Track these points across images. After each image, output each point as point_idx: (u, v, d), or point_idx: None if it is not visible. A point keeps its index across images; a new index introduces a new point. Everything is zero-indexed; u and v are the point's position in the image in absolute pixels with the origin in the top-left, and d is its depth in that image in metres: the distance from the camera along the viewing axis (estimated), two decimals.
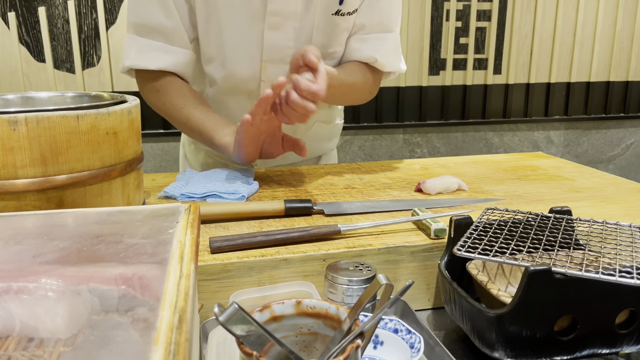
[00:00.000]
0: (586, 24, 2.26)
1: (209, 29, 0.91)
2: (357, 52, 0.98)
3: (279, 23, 0.90)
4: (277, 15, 0.89)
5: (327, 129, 1.12)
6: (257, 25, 0.90)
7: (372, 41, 0.98)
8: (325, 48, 0.96)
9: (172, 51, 0.90)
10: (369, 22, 0.97)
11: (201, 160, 1.12)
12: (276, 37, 0.91)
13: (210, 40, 0.93)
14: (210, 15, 0.90)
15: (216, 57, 0.94)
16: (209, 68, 0.96)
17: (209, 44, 0.93)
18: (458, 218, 0.58)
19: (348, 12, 0.94)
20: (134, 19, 0.90)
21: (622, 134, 2.48)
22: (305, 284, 0.56)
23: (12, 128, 0.51)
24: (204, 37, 0.93)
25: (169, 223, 0.44)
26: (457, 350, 0.55)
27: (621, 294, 0.47)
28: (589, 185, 0.89)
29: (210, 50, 0.94)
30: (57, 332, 0.32)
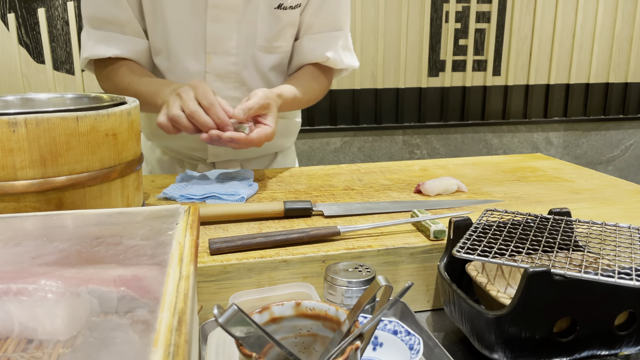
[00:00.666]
0: (585, 26, 2.26)
1: (155, 21, 0.94)
2: (309, 52, 1.01)
3: (220, 16, 0.92)
4: (218, 7, 0.91)
5: (285, 124, 1.12)
6: (200, 18, 0.92)
7: (323, 40, 1.01)
8: (270, 42, 0.98)
9: (126, 40, 0.93)
10: (318, 22, 1.00)
11: (157, 156, 1.13)
12: (218, 29, 0.93)
13: (156, 32, 0.95)
14: (156, 8, 0.93)
15: (162, 49, 0.96)
16: (157, 60, 0.98)
17: (156, 36, 0.96)
18: (457, 219, 0.58)
19: (291, 7, 0.96)
20: (88, 12, 0.93)
21: (621, 135, 2.48)
22: (304, 286, 0.56)
23: (11, 129, 0.51)
24: (151, 29, 0.95)
25: (168, 224, 0.44)
26: (456, 351, 0.55)
27: (620, 295, 0.47)
28: (588, 186, 0.90)
29: (157, 43, 0.96)
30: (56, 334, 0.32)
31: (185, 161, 1.10)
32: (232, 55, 0.96)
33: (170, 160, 1.11)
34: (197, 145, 1.05)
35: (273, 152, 1.14)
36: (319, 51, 1.00)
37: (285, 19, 0.97)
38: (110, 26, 0.92)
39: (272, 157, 1.15)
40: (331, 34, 1.02)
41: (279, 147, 1.15)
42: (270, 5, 0.94)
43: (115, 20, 0.92)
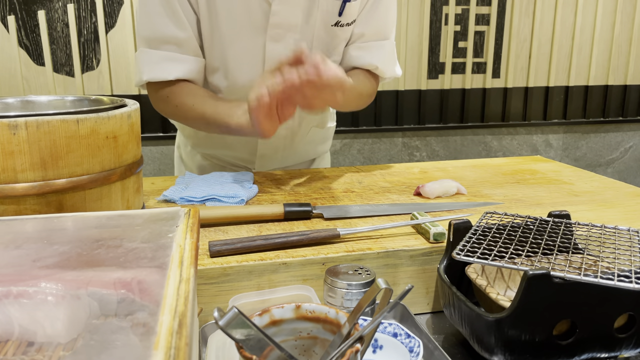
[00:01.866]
0: (584, 28, 2.26)
1: (212, 41, 0.93)
2: (358, 60, 1.01)
3: (280, 35, 0.92)
4: (278, 27, 0.91)
5: (321, 132, 1.14)
6: (259, 38, 0.92)
7: (371, 49, 1.01)
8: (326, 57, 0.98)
9: (185, 60, 0.91)
10: (368, 31, 1.00)
11: (198, 162, 1.13)
12: (277, 48, 0.93)
13: (213, 52, 0.94)
14: (214, 28, 0.91)
15: (219, 68, 0.95)
16: (213, 78, 0.97)
17: (213, 55, 0.95)
18: (457, 222, 0.58)
19: (347, 23, 0.96)
20: (145, 32, 0.90)
21: (620, 137, 2.48)
22: (304, 288, 0.56)
23: (12, 132, 0.51)
24: (208, 49, 0.94)
25: (168, 227, 0.44)
26: (456, 354, 0.55)
27: (620, 298, 0.47)
28: (588, 189, 0.90)
29: (214, 62, 0.95)
30: (56, 337, 0.32)
31: (228, 167, 1.11)
32: None
33: (211, 166, 1.11)
34: (246, 156, 1.07)
35: (311, 158, 1.16)
36: (367, 59, 1.01)
37: (341, 35, 0.98)
38: (168, 46, 0.90)
39: (310, 162, 1.17)
40: (379, 42, 1.02)
41: (317, 154, 1.16)
42: (327, 23, 0.95)
43: (174, 40, 0.90)
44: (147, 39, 0.91)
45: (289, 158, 1.10)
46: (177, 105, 0.92)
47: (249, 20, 0.90)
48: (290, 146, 1.07)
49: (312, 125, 1.09)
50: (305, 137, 1.08)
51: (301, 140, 1.08)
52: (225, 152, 1.08)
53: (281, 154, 1.07)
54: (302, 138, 1.07)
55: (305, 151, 1.13)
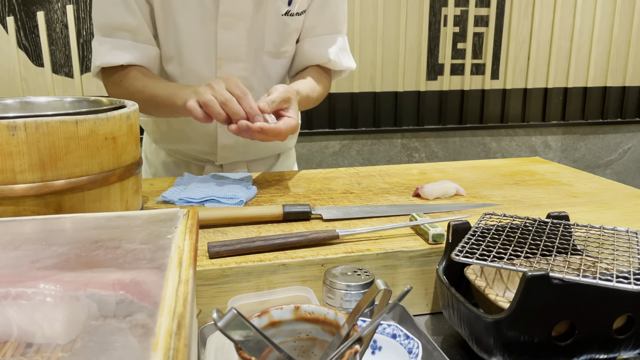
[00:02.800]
0: (583, 30, 2.27)
1: (166, 29, 0.96)
2: (310, 54, 1.04)
3: (230, 23, 0.95)
4: (228, 15, 0.94)
5: None
6: (211, 26, 0.95)
7: (323, 42, 1.04)
8: (278, 47, 1.01)
9: (138, 47, 0.94)
10: (319, 25, 1.03)
11: (162, 159, 1.13)
12: (229, 36, 0.96)
13: (168, 40, 0.97)
14: (167, 16, 0.94)
15: (174, 56, 0.98)
16: (168, 67, 1.00)
17: (167, 44, 0.97)
18: (456, 223, 0.58)
19: (297, 13, 1.00)
20: (99, 20, 0.93)
21: (619, 139, 2.48)
22: (303, 289, 0.56)
23: (11, 133, 0.51)
24: (163, 37, 0.97)
25: (167, 228, 0.44)
26: (455, 355, 0.55)
27: (618, 299, 0.47)
28: (587, 190, 0.90)
29: (169, 50, 0.98)
30: (55, 338, 0.32)
31: (192, 163, 1.11)
32: (242, 61, 0.98)
33: (175, 162, 1.12)
34: (207, 149, 1.07)
35: (276, 153, 1.17)
36: (319, 53, 1.03)
37: (292, 24, 1.00)
38: (122, 33, 0.93)
39: (275, 158, 1.17)
40: (331, 36, 1.05)
41: (281, 149, 1.16)
42: (277, 12, 0.97)
43: (126, 27, 0.92)
44: (101, 26, 0.93)
45: (251, 150, 1.10)
46: (127, 88, 0.94)
47: (201, 8, 0.93)
48: None
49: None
50: None
51: None
52: (187, 146, 1.08)
53: (242, 145, 1.07)
54: None
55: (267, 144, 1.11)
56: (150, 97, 0.91)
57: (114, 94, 0.98)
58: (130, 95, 0.94)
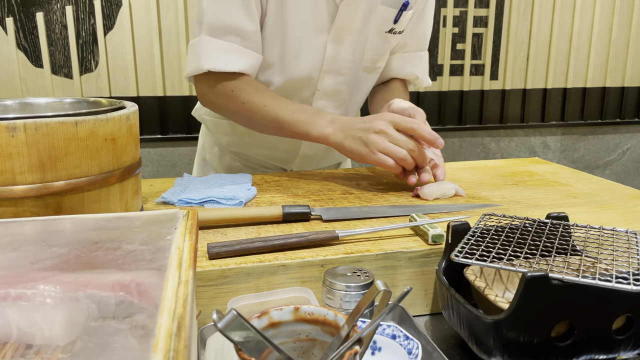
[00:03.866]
0: (582, 30, 2.27)
1: (274, 35, 0.93)
2: (399, 70, 1.06)
3: (341, 37, 0.95)
4: (341, 28, 0.94)
5: None
6: (321, 37, 0.94)
7: (412, 59, 1.07)
8: (374, 63, 1.02)
9: (248, 54, 0.89)
10: (410, 41, 1.05)
11: (226, 163, 1.12)
12: (338, 49, 0.96)
13: (273, 46, 0.94)
14: (279, 24, 0.91)
15: (276, 63, 0.95)
16: (266, 74, 0.96)
17: (272, 50, 0.94)
18: (455, 224, 0.58)
19: (400, 31, 1.01)
20: (212, 20, 0.87)
21: (618, 139, 2.49)
22: (303, 290, 0.56)
23: (10, 134, 0.51)
24: (268, 43, 0.93)
25: (167, 229, 0.44)
26: (454, 356, 0.55)
27: (618, 299, 0.47)
28: (586, 190, 0.90)
29: (271, 57, 0.95)
30: (55, 339, 0.32)
31: (258, 169, 1.11)
32: (343, 75, 0.99)
33: (241, 167, 1.11)
34: (285, 156, 1.07)
35: (339, 162, 1.20)
36: (409, 69, 1.06)
37: (392, 42, 1.01)
38: (233, 37, 0.88)
39: (337, 166, 1.21)
40: (419, 53, 1.07)
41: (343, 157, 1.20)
42: (381, 29, 0.98)
43: (241, 32, 0.87)
44: (211, 27, 0.87)
45: (326, 158, 1.12)
46: (244, 102, 0.89)
47: (315, 19, 0.92)
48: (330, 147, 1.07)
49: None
50: None
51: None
52: (263, 152, 1.08)
53: (321, 154, 1.08)
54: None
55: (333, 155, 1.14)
56: (273, 118, 0.88)
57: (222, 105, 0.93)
58: (246, 109, 0.90)
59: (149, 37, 1.87)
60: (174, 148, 2.00)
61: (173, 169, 2.02)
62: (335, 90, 1.00)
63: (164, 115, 1.93)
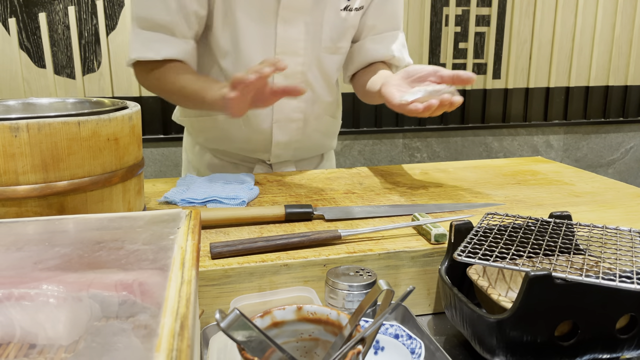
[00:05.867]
0: (585, 29, 2.26)
1: (225, 24, 0.95)
2: (374, 52, 1.04)
3: (291, 17, 0.94)
4: (288, 9, 0.94)
5: (332, 124, 1.15)
6: (270, 20, 0.94)
7: (385, 40, 1.05)
8: (335, 42, 1.01)
9: (174, 42, 0.93)
10: (380, 22, 1.03)
11: (207, 161, 1.13)
12: (288, 30, 0.95)
13: (226, 35, 0.96)
14: (227, 10, 0.94)
15: (231, 51, 0.97)
16: (224, 62, 0.99)
17: (225, 38, 0.96)
18: (458, 223, 0.58)
19: (356, 8, 1.00)
20: (137, 13, 0.92)
21: (621, 138, 2.48)
22: (305, 290, 0.56)
23: (13, 134, 0.51)
24: (220, 32, 0.96)
25: (170, 229, 0.44)
26: (457, 355, 0.55)
27: (621, 299, 0.47)
28: (589, 189, 0.90)
29: (226, 45, 0.97)
30: (58, 339, 0.32)
31: (240, 164, 1.11)
32: (300, 55, 0.98)
33: (222, 164, 1.12)
34: (260, 147, 1.07)
35: (320, 153, 1.19)
36: (383, 51, 1.04)
37: (349, 20, 1.00)
38: (159, 28, 0.92)
39: (320, 158, 1.20)
40: (392, 33, 1.06)
41: (327, 148, 1.19)
42: (336, 7, 0.98)
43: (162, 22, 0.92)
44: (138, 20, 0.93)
45: (302, 149, 1.11)
46: (159, 79, 0.94)
47: (260, 3, 0.92)
48: (303, 132, 1.07)
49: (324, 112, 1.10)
50: (317, 125, 1.09)
51: (314, 128, 1.09)
52: (238, 146, 1.08)
53: (295, 142, 1.08)
54: (314, 126, 1.09)
55: (316, 141, 1.14)
56: (179, 89, 0.92)
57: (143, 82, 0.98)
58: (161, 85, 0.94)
59: None
60: (177, 148, 2.00)
61: (175, 169, 2.02)
62: (294, 72, 0.99)
63: (167, 115, 1.93)
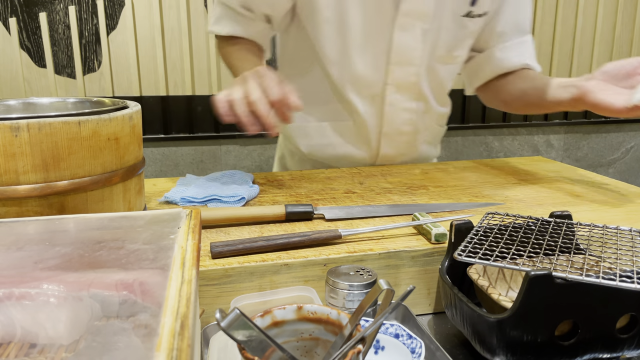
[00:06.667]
0: (585, 29, 2.26)
1: (331, 30, 0.90)
2: (506, 62, 0.97)
3: (409, 24, 0.89)
4: (408, 16, 0.88)
5: (439, 132, 1.12)
6: (386, 28, 0.89)
7: (518, 48, 0.97)
8: (450, 51, 0.96)
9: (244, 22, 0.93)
10: (509, 28, 0.96)
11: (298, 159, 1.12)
12: (405, 38, 0.90)
13: (333, 43, 0.91)
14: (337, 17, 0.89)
15: (340, 59, 0.93)
16: (332, 70, 0.94)
17: (332, 47, 0.92)
18: (458, 223, 0.58)
19: (478, 14, 0.92)
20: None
21: (621, 137, 2.48)
22: (306, 289, 0.56)
23: (14, 134, 0.51)
24: (327, 39, 0.91)
25: (170, 228, 0.44)
26: (458, 355, 0.55)
27: (622, 298, 0.47)
28: (589, 189, 0.90)
29: (332, 53, 0.92)
30: (58, 338, 0.32)
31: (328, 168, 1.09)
32: (414, 65, 0.93)
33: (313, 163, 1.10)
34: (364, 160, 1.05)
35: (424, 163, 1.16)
36: (516, 60, 0.97)
37: (470, 27, 0.94)
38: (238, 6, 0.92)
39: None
40: (523, 39, 0.99)
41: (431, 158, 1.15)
42: (457, 13, 0.91)
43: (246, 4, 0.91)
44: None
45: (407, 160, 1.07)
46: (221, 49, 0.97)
47: (377, 7, 0.87)
48: (412, 145, 1.04)
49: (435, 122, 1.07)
50: (426, 136, 1.06)
51: (423, 140, 1.06)
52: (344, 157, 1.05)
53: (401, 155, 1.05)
54: (423, 137, 1.06)
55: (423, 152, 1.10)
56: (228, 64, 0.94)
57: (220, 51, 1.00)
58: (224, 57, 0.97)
59: (151, 36, 1.87)
60: (177, 148, 2.00)
61: (176, 169, 2.02)
62: (407, 82, 0.94)
63: (167, 115, 1.93)
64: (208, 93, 1.94)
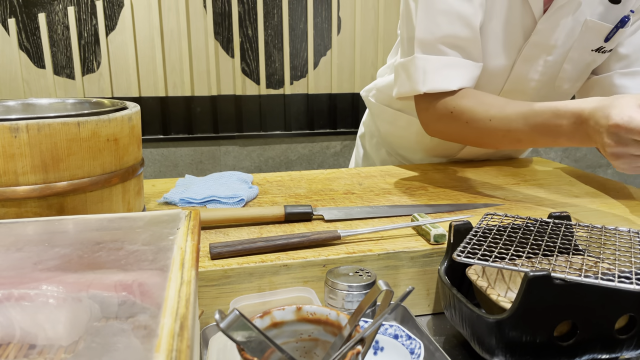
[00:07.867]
0: None
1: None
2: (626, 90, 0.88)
3: (533, 55, 0.86)
4: (535, 47, 0.85)
5: None
6: (511, 55, 0.86)
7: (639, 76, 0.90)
8: (572, 83, 0.91)
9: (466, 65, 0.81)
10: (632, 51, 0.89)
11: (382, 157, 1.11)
12: (526, 69, 0.87)
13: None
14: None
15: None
16: None
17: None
18: (457, 223, 0.58)
19: (610, 50, 0.88)
20: (424, 35, 0.80)
21: None
22: (305, 290, 0.56)
23: (13, 135, 0.51)
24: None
25: (169, 229, 0.44)
26: (457, 355, 0.55)
27: (620, 299, 0.47)
28: (588, 190, 0.90)
29: None
30: (58, 339, 0.32)
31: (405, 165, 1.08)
32: (527, 95, 0.90)
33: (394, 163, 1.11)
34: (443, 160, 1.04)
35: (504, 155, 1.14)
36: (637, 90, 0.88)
37: (597, 61, 0.89)
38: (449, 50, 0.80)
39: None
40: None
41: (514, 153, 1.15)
42: (587, 46, 0.86)
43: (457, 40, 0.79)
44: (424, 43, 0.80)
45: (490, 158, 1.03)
46: (467, 122, 0.80)
47: (507, 36, 0.83)
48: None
49: None
50: None
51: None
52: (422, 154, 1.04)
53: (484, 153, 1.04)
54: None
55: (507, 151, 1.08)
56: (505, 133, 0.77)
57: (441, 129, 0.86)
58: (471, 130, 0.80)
59: (150, 37, 1.87)
60: (176, 148, 2.00)
61: (175, 169, 2.02)
62: None
63: (166, 115, 1.93)
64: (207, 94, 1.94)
